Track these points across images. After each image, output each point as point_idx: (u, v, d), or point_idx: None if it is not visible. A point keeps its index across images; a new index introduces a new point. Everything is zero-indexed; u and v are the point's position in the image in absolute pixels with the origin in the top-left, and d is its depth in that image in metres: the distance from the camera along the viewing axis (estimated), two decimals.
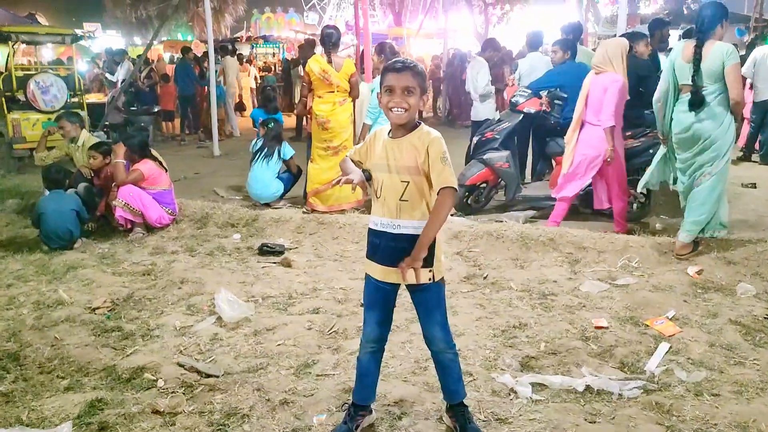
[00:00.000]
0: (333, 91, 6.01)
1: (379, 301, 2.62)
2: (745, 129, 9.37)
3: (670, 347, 3.46)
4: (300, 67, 17.89)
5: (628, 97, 5.42)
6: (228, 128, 12.85)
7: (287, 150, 6.54)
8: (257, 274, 4.85)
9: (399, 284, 2.58)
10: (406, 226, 2.48)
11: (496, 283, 4.48)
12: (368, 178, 2.60)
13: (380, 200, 2.53)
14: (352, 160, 2.71)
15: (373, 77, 6.18)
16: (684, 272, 4.53)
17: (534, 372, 3.24)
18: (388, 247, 2.51)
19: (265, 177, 6.35)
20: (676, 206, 6.27)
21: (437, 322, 2.60)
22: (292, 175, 6.62)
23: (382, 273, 2.56)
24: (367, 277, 2.64)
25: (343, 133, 6.08)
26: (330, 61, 5.98)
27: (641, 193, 5.94)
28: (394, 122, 2.48)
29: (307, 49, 8.69)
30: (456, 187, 2.41)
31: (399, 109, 2.42)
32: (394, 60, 2.51)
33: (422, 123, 2.52)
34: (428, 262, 2.46)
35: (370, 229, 2.61)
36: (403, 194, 2.46)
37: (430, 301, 2.58)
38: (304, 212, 6.12)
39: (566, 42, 6.39)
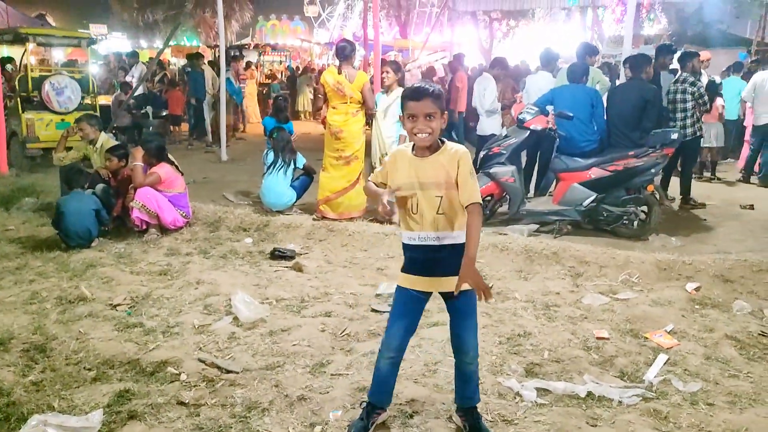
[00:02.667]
0: (346, 102, 6.20)
1: (412, 311, 2.79)
2: (745, 151, 9.59)
3: (668, 359, 3.63)
4: (307, 75, 18.19)
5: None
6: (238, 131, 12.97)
7: (300, 159, 6.73)
8: (270, 277, 5.01)
9: (431, 293, 2.75)
10: (446, 237, 2.66)
11: (501, 294, 4.66)
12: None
13: (417, 216, 2.69)
14: (375, 183, 2.88)
15: (387, 92, 6.35)
16: (683, 289, 4.71)
17: (538, 378, 3.41)
18: (429, 259, 2.70)
19: (279, 187, 6.52)
20: (676, 225, 6.50)
21: (471, 329, 2.77)
22: (307, 178, 6.77)
23: (424, 284, 2.73)
24: (401, 289, 2.80)
25: (355, 143, 6.27)
26: (340, 72, 6.17)
27: (642, 211, 6.13)
28: (419, 145, 2.66)
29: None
30: (482, 202, 2.60)
31: (423, 134, 2.61)
32: (414, 87, 2.67)
33: (446, 141, 2.70)
34: None
35: (406, 245, 2.77)
36: (438, 208, 2.64)
37: (468, 308, 2.74)
38: (314, 219, 6.29)
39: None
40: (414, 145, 2.73)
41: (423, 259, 2.72)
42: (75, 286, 4.66)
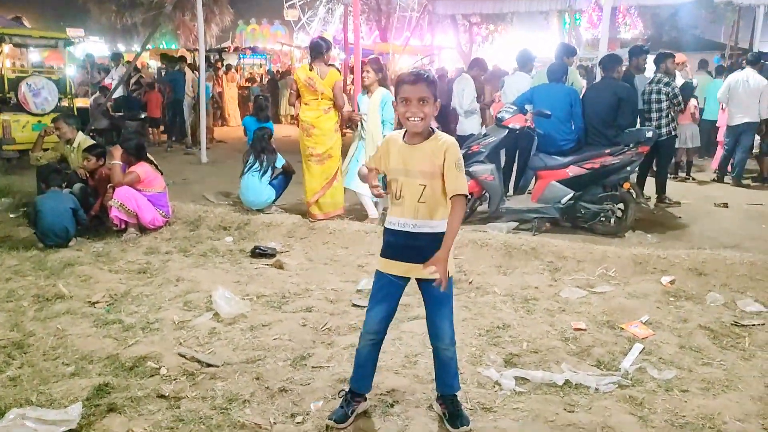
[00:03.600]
0: (317, 98, 6.18)
1: (390, 295, 2.83)
2: (719, 152, 9.77)
3: (644, 348, 3.71)
4: (287, 79, 18.16)
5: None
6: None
7: (279, 159, 6.72)
8: (251, 274, 5.01)
9: (409, 279, 2.79)
10: (423, 226, 2.70)
11: (481, 288, 4.71)
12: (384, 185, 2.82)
13: (399, 202, 2.74)
14: (368, 168, 2.93)
15: (369, 93, 6.35)
16: (658, 282, 4.80)
17: (517, 368, 3.45)
18: (406, 246, 2.73)
19: (258, 186, 6.50)
20: (652, 222, 6.61)
21: (446, 316, 2.80)
22: (285, 176, 6.77)
23: (399, 269, 2.77)
24: (379, 274, 2.84)
25: (327, 141, 6.20)
26: (311, 69, 6.16)
27: (618, 208, 6.23)
28: (412, 130, 2.70)
29: None
30: (467, 193, 2.64)
31: (416, 118, 2.64)
32: (407, 72, 2.74)
33: (436, 129, 2.74)
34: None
35: (387, 229, 2.82)
36: (420, 197, 2.68)
37: (442, 296, 2.76)
38: (310, 221, 6.24)
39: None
40: (405, 131, 2.77)
41: (400, 245, 2.76)
42: (52, 284, 4.62)
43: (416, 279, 2.80)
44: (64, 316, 4.08)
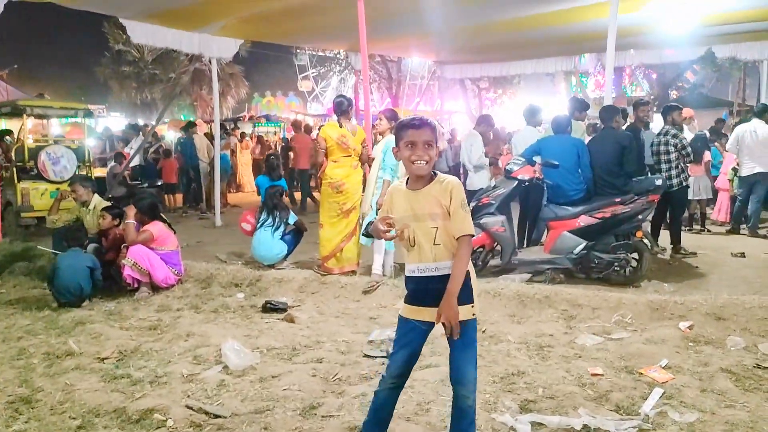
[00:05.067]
0: (350, 155, 6.29)
1: (414, 340, 2.78)
2: (721, 199, 9.77)
3: (664, 392, 3.58)
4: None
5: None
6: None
7: (292, 217, 6.79)
8: (261, 328, 4.97)
9: (434, 324, 2.74)
10: (444, 267, 2.68)
11: (494, 336, 4.62)
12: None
13: (415, 249, 2.73)
14: (381, 218, 2.92)
15: (376, 141, 6.50)
16: (676, 327, 4.68)
17: (533, 413, 3.35)
18: (430, 290, 2.70)
19: (269, 240, 6.55)
20: (667, 272, 6.53)
21: (471, 360, 2.73)
22: (297, 234, 6.81)
23: (425, 315, 2.73)
24: (403, 320, 2.80)
25: (355, 195, 6.30)
26: (341, 126, 6.30)
27: (633, 257, 6.17)
28: (416, 174, 2.72)
29: None
30: (473, 233, 2.65)
31: (421, 162, 2.67)
32: (411, 117, 2.79)
33: (438, 172, 2.76)
34: (470, 298, 2.68)
35: (408, 277, 2.81)
36: (435, 239, 2.68)
37: (467, 338, 2.70)
38: (321, 275, 6.22)
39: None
40: (408, 179, 2.79)
41: (423, 290, 2.74)
42: (63, 342, 4.61)
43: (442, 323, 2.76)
44: (73, 371, 4.04)
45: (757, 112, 9.22)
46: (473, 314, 2.70)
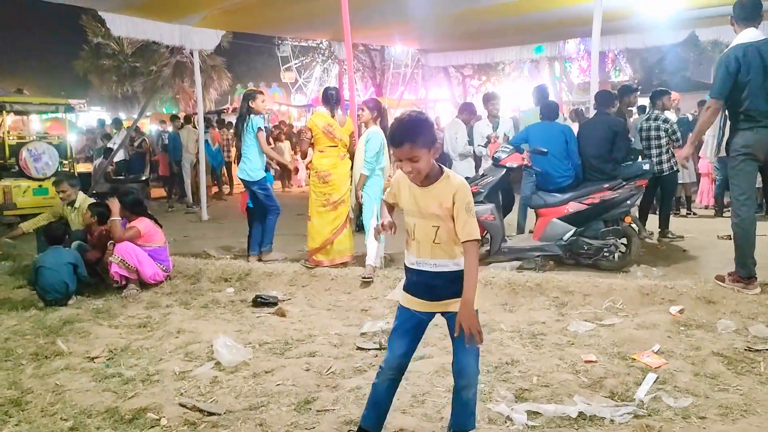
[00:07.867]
0: (336, 146, 6.23)
1: (412, 329, 2.76)
2: (702, 185, 9.84)
3: (657, 377, 3.60)
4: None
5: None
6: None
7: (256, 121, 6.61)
8: (252, 323, 4.93)
9: (434, 314, 2.73)
10: (443, 265, 2.66)
11: (487, 326, 4.61)
12: None
13: (415, 242, 2.71)
14: (387, 203, 2.91)
15: (360, 132, 6.44)
16: (666, 312, 4.71)
17: (528, 402, 3.35)
18: (427, 284, 2.69)
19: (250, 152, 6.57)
20: (656, 256, 6.55)
21: (473, 352, 2.72)
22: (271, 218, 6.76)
23: (421, 306, 2.72)
24: (402, 308, 2.79)
25: (343, 187, 6.24)
26: (333, 116, 6.25)
27: (622, 243, 6.18)
28: (414, 182, 2.67)
29: None
30: (480, 238, 2.62)
31: (412, 173, 2.62)
32: (394, 131, 2.61)
33: (447, 169, 2.69)
34: None
35: (407, 267, 2.78)
36: (435, 237, 2.64)
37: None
38: (308, 267, 6.19)
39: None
40: None
41: (422, 283, 2.72)
42: (51, 341, 4.54)
43: (441, 314, 2.75)
44: (62, 372, 3.98)
45: None
46: (474, 308, 2.67)
